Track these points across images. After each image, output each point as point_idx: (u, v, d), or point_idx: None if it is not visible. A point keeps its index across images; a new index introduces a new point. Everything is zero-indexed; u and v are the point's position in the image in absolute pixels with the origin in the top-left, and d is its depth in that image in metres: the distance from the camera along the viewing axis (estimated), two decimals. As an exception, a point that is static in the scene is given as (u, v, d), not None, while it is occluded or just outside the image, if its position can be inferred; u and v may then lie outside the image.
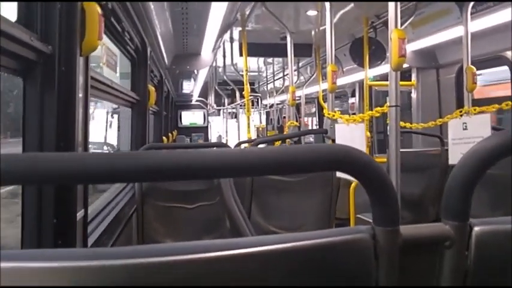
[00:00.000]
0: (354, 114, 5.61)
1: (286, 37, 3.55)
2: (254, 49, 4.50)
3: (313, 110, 8.26)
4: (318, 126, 7.98)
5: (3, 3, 1.12)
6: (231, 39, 4.82)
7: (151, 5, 2.64)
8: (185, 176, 0.48)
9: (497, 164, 0.56)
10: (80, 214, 1.31)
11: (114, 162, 0.45)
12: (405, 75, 4.21)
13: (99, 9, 1.37)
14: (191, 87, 8.34)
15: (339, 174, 2.23)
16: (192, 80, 7.71)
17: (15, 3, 1.17)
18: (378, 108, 2.18)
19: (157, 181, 0.50)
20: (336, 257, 0.53)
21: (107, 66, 2.34)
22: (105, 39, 2.35)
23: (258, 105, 8.75)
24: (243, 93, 4.58)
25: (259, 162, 0.49)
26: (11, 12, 1.13)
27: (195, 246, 0.48)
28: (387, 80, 1.98)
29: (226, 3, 2.93)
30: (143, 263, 0.45)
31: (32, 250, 0.47)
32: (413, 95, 4.31)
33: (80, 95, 1.31)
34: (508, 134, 0.56)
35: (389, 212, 0.54)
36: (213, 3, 2.93)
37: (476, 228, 0.57)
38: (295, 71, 5.10)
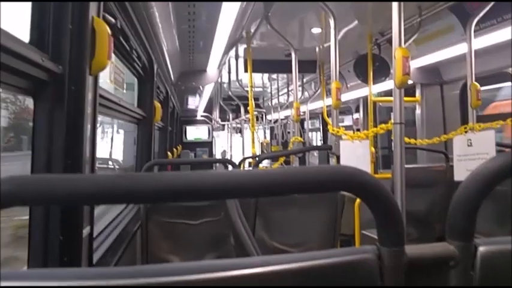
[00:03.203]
0: (358, 129, 5.61)
1: (290, 54, 3.58)
2: (259, 65, 4.53)
3: (317, 125, 8.26)
4: (322, 142, 7.97)
5: (17, 25, 1.15)
6: (237, 56, 4.87)
7: (159, 23, 2.69)
8: (194, 198, 0.49)
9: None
10: (86, 231, 1.31)
11: (122, 184, 0.46)
12: (409, 91, 4.22)
13: (108, 29, 1.40)
14: (196, 103, 8.39)
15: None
16: (198, 95, 7.76)
17: (27, 24, 1.21)
18: (383, 126, 2.18)
19: (165, 202, 0.51)
20: (341, 277, 0.53)
21: (115, 83, 2.37)
22: (113, 57, 2.39)
23: (262, 120, 8.77)
24: (248, 108, 4.61)
25: (266, 184, 0.50)
26: (24, 33, 1.16)
27: (199, 267, 0.48)
28: (391, 96, 1.98)
29: (232, 22, 2.97)
30: (148, 283, 0.46)
31: (39, 269, 0.48)
32: (418, 111, 4.31)
33: (89, 113, 1.33)
34: None
35: (394, 233, 0.55)
36: (220, 22, 2.97)
37: (481, 248, 0.57)
38: (299, 86, 5.12)
